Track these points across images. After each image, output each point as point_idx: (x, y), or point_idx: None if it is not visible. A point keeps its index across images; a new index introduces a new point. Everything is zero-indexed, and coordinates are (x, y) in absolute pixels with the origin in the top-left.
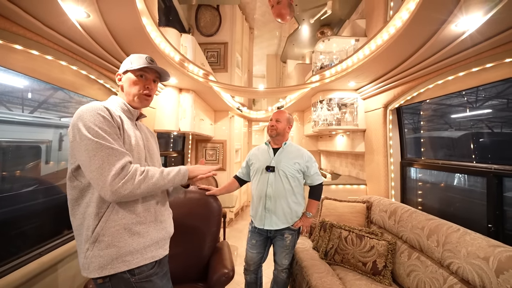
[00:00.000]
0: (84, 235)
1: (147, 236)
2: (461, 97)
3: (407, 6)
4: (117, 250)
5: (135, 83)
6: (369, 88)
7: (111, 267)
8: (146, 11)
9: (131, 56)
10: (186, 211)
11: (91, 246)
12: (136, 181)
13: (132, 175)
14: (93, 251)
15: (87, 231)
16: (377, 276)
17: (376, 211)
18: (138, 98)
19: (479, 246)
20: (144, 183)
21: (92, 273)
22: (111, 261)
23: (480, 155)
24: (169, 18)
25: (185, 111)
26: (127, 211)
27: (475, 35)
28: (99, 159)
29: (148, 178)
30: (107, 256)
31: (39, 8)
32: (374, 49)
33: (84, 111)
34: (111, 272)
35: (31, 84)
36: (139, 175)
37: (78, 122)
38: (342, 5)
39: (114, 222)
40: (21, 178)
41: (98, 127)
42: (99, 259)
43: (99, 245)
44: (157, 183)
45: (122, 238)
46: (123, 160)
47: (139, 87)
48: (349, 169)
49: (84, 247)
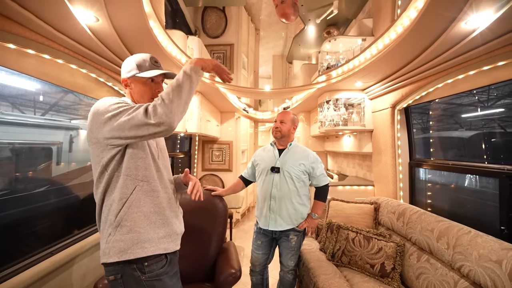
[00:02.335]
0: (108, 221)
1: (161, 228)
2: (471, 96)
3: (415, 4)
4: (137, 235)
5: (146, 87)
6: (376, 88)
7: (130, 252)
8: (153, 14)
9: (134, 59)
10: (192, 211)
11: (114, 231)
12: (166, 102)
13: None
14: (115, 236)
15: (111, 215)
16: (386, 278)
17: (384, 213)
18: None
19: (492, 249)
20: (171, 100)
21: (112, 257)
22: (131, 246)
23: (492, 155)
24: (176, 20)
25: (191, 112)
26: (148, 200)
27: (486, 32)
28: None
29: (170, 96)
30: (128, 240)
31: (51, 13)
32: (381, 49)
33: (97, 103)
34: (130, 257)
35: (42, 87)
36: (161, 100)
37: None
38: (348, 5)
39: (137, 209)
40: (33, 179)
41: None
42: (120, 243)
43: (121, 230)
44: (181, 89)
45: (142, 225)
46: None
47: (152, 92)
48: (356, 170)
49: (107, 232)
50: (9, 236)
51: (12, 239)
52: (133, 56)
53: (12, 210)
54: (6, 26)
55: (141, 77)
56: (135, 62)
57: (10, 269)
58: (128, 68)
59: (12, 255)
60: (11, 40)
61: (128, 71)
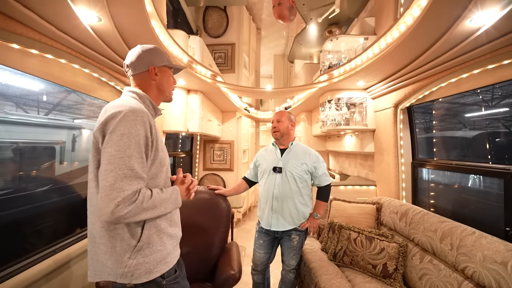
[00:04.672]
0: (124, 245)
1: (175, 237)
2: (475, 95)
3: (418, 2)
4: (160, 254)
5: (171, 78)
6: (378, 87)
7: (156, 270)
8: (155, 14)
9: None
10: (195, 211)
11: (134, 255)
12: (136, 209)
13: (139, 203)
14: (137, 259)
15: (130, 240)
16: (388, 279)
17: (386, 213)
18: (171, 94)
19: (496, 250)
20: (142, 211)
21: (137, 279)
22: (156, 265)
23: (496, 155)
24: (177, 20)
25: (193, 112)
26: (165, 217)
27: (491, 31)
28: (113, 177)
29: (149, 207)
30: (152, 261)
31: (54, 13)
32: (384, 48)
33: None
34: (157, 275)
35: (46, 87)
36: (144, 202)
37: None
38: (350, 4)
39: (155, 228)
40: (36, 177)
41: (133, 139)
42: (145, 265)
43: (143, 253)
44: (155, 212)
45: (163, 242)
46: (136, 185)
47: (172, 83)
48: (358, 169)
49: (125, 256)
50: (13, 234)
51: (16, 238)
52: (153, 46)
53: (16, 209)
54: (10, 26)
55: (169, 69)
56: (162, 52)
57: (14, 267)
58: (158, 57)
59: (15, 253)
60: (15, 40)
61: (159, 59)
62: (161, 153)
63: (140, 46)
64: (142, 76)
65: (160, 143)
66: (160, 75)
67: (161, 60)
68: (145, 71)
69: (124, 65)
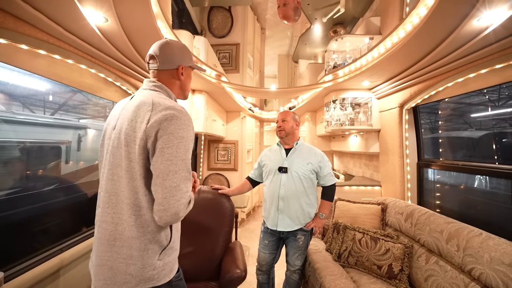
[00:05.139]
0: (157, 247)
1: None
2: (482, 95)
3: (425, 2)
4: (176, 252)
5: (191, 79)
6: (384, 87)
7: (174, 268)
8: (161, 15)
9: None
10: (199, 210)
11: (162, 256)
12: (188, 210)
13: (189, 205)
14: (163, 260)
15: (163, 242)
16: (393, 280)
17: (391, 213)
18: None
19: (504, 251)
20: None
21: (164, 279)
22: (174, 262)
23: (503, 156)
24: (182, 20)
25: (198, 112)
26: None
27: (499, 30)
28: (178, 179)
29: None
30: (173, 260)
31: (62, 14)
32: (389, 47)
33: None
34: (176, 271)
35: (52, 87)
36: (191, 204)
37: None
38: (355, 3)
39: (175, 229)
40: (43, 177)
41: (190, 143)
42: (169, 264)
43: (167, 252)
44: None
45: (177, 241)
46: (189, 187)
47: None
48: (363, 170)
49: (154, 258)
50: (20, 233)
51: (23, 236)
52: (183, 44)
53: (23, 208)
54: (19, 27)
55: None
56: (190, 52)
57: (22, 265)
58: (187, 56)
59: (23, 251)
60: (23, 41)
61: (187, 59)
62: None
63: (170, 40)
64: (168, 73)
65: None
66: (185, 75)
67: (188, 60)
68: (173, 69)
69: (147, 57)
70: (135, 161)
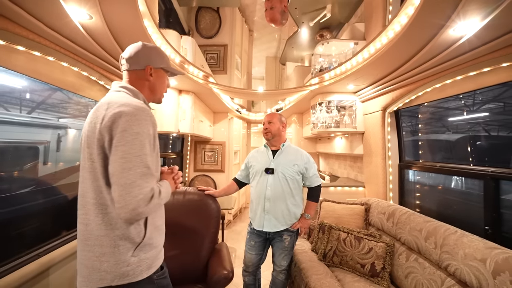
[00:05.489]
0: (129, 244)
1: (164, 233)
2: (458, 100)
3: (405, 10)
4: (156, 250)
5: (165, 81)
6: (368, 91)
7: (154, 265)
8: (147, 13)
9: (157, 49)
10: (184, 212)
11: (136, 252)
12: (151, 205)
13: (155, 199)
14: (138, 256)
15: (135, 238)
16: (376, 278)
17: (374, 213)
18: (162, 97)
19: (477, 248)
20: (155, 206)
21: (141, 275)
22: (154, 259)
23: (477, 158)
24: (170, 20)
25: (184, 112)
26: (158, 214)
27: (472, 39)
28: (133, 175)
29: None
30: (151, 257)
31: (42, 10)
32: (373, 53)
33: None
34: (153, 270)
35: (29, 85)
36: (156, 198)
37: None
38: (341, 9)
39: (152, 226)
40: (18, 179)
41: (146, 138)
42: (146, 261)
43: (143, 249)
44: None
45: (156, 238)
46: (151, 183)
47: (166, 86)
48: (347, 171)
49: (127, 255)
50: None
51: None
52: (154, 46)
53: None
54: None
55: (166, 72)
56: (163, 54)
57: None
58: (158, 58)
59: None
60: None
61: (157, 60)
62: (158, 151)
63: (142, 43)
64: (136, 74)
65: (157, 141)
66: (155, 76)
67: (159, 62)
68: (140, 69)
69: (120, 58)
70: (96, 161)
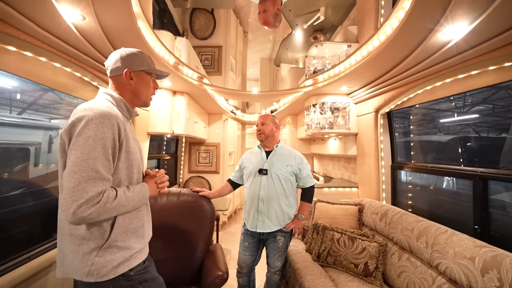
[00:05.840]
0: (92, 244)
1: (146, 236)
2: (449, 102)
3: (396, 14)
4: (129, 251)
5: (150, 83)
6: (361, 92)
7: (125, 265)
8: (141, 14)
9: (141, 53)
10: (178, 214)
11: (101, 253)
12: (102, 210)
13: (102, 204)
14: (104, 257)
15: (98, 239)
16: (369, 277)
17: (367, 214)
18: (149, 99)
19: (466, 246)
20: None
21: (106, 276)
22: (124, 261)
23: (467, 158)
24: (164, 21)
25: (179, 113)
26: (134, 217)
27: (460, 43)
28: (77, 179)
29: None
30: (120, 258)
31: (34, 10)
32: (365, 55)
33: (96, 116)
34: (125, 270)
35: (20, 85)
36: (109, 203)
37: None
38: (334, 12)
39: (124, 228)
40: (8, 180)
41: (99, 142)
42: (112, 262)
43: (110, 250)
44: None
45: (132, 241)
46: (100, 187)
47: (152, 89)
48: (341, 172)
49: (91, 255)
50: None
51: None
52: (133, 49)
53: None
54: None
55: (149, 74)
56: (143, 57)
57: None
58: (136, 61)
59: None
60: None
61: (136, 64)
62: (133, 155)
63: (121, 49)
64: (117, 79)
65: (131, 144)
66: (136, 80)
67: (138, 65)
68: (119, 74)
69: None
70: (60, 165)
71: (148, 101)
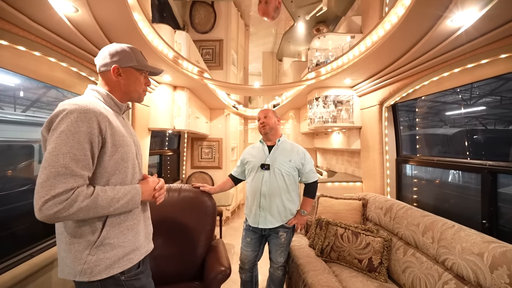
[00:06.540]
0: (83, 241)
1: (142, 233)
2: (455, 94)
3: (402, 1)
4: (123, 250)
5: (140, 80)
6: (364, 85)
7: (118, 265)
8: (137, 7)
9: (130, 48)
10: (180, 209)
11: (94, 251)
12: (76, 208)
13: (71, 201)
14: (97, 255)
15: (89, 236)
16: (373, 272)
17: (371, 208)
18: (141, 95)
19: (474, 242)
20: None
21: (98, 275)
22: (117, 260)
23: (474, 151)
24: (163, 14)
25: (180, 109)
26: (129, 213)
27: (470, 30)
28: (46, 174)
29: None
30: (113, 257)
31: (25, 2)
32: (369, 46)
33: (73, 111)
34: (118, 271)
35: (23, 83)
36: (82, 201)
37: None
38: (337, 2)
39: (116, 225)
40: (13, 178)
41: (72, 136)
42: (106, 261)
43: (103, 248)
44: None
45: (127, 238)
46: (71, 183)
47: (144, 85)
48: (345, 166)
49: (84, 253)
50: None
51: None
52: (123, 44)
53: None
54: None
55: (138, 70)
56: (132, 53)
57: None
58: (125, 57)
59: None
60: None
61: (125, 60)
62: (124, 148)
63: (111, 44)
64: (106, 75)
65: (120, 138)
66: (124, 76)
67: (127, 61)
68: (108, 71)
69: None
70: None
71: (139, 97)
